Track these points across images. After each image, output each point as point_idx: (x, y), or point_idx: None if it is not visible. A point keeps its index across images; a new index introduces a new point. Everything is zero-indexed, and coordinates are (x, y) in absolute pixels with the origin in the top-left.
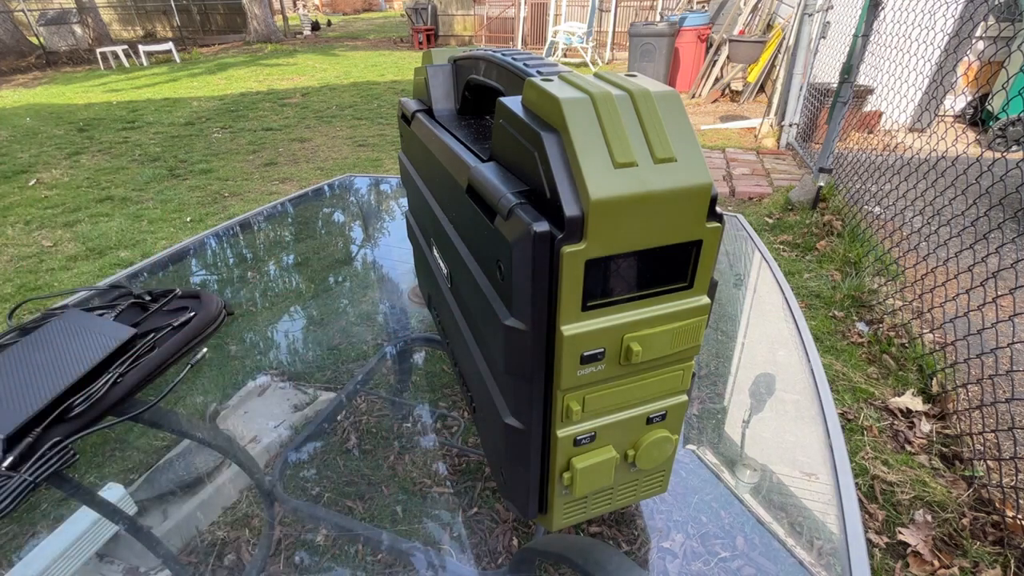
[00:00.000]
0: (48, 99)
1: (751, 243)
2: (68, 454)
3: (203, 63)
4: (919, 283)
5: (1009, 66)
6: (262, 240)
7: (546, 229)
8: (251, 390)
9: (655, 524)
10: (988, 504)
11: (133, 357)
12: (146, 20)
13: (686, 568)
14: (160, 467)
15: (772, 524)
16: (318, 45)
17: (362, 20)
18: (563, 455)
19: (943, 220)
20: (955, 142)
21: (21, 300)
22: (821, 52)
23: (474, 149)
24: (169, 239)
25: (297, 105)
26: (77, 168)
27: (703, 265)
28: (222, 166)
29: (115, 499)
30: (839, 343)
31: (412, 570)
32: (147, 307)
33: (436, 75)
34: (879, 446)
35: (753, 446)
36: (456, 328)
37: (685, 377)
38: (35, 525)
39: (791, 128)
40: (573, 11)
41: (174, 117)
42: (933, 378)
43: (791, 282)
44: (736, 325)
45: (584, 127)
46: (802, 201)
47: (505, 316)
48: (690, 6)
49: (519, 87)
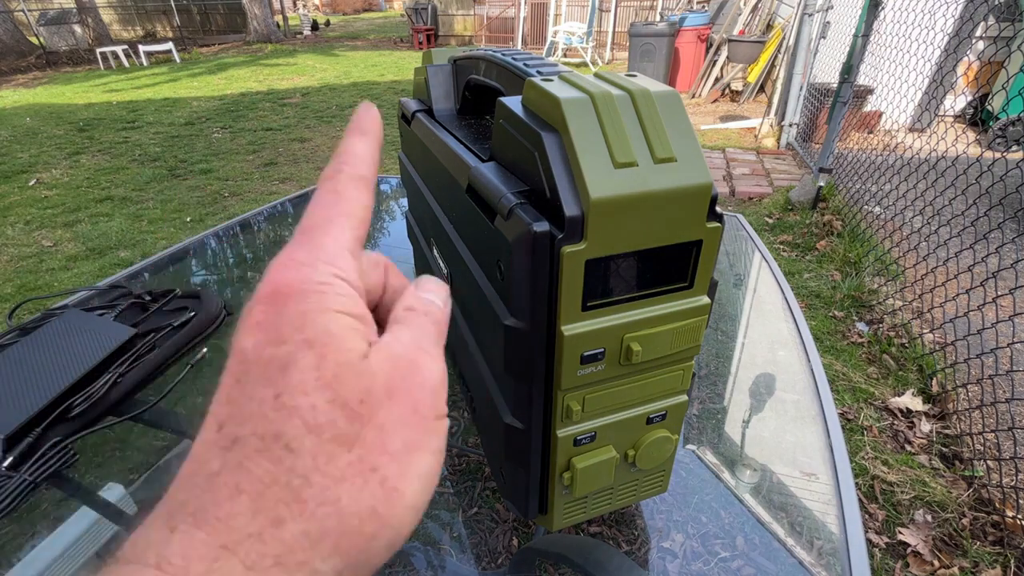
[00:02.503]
0: (48, 99)
1: (751, 243)
2: (68, 454)
3: (203, 63)
4: (919, 283)
5: (1009, 66)
6: (262, 240)
7: (546, 229)
8: None
9: (655, 524)
10: (988, 504)
11: (133, 357)
12: (146, 20)
13: (686, 568)
14: (160, 467)
15: (772, 524)
16: (318, 45)
17: (362, 20)
18: (563, 455)
19: (943, 220)
20: (955, 142)
21: (21, 300)
22: (821, 52)
23: (474, 149)
24: (169, 239)
25: (297, 105)
26: (77, 168)
27: (703, 265)
28: (222, 166)
29: (115, 499)
30: (839, 343)
31: (412, 570)
32: (147, 307)
33: (436, 75)
34: (879, 446)
35: (753, 446)
36: (456, 328)
37: (685, 377)
38: (35, 525)
39: (791, 128)
40: (573, 11)
41: (174, 117)
42: (933, 378)
43: (791, 282)
44: (736, 325)
45: (584, 127)
46: (802, 201)
47: (505, 316)
48: (690, 6)
49: (519, 87)
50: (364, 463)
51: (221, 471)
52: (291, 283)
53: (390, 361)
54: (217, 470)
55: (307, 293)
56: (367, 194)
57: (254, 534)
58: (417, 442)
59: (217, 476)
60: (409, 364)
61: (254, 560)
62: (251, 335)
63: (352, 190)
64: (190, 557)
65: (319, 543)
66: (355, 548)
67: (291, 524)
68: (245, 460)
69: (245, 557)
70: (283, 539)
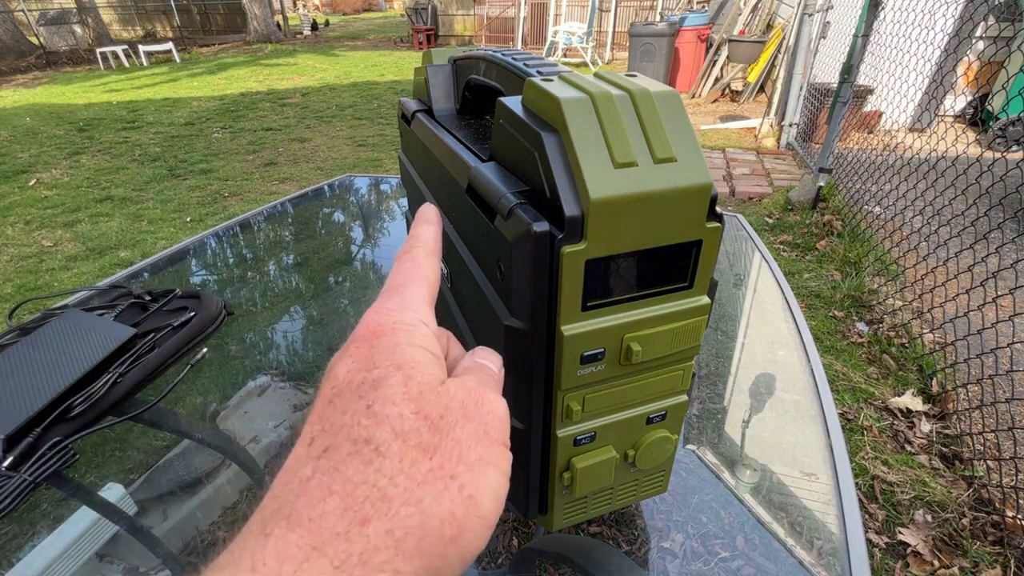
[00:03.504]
0: (48, 99)
1: (751, 243)
2: (68, 454)
3: (203, 63)
4: (919, 283)
5: (1009, 66)
6: (262, 240)
7: (546, 229)
8: (251, 390)
9: (655, 524)
10: (988, 504)
11: (133, 357)
12: (146, 20)
13: (686, 568)
14: (160, 467)
15: (772, 524)
16: (318, 45)
17: (362, 20)
18: (563, 455)
19: (943, 220)
20: (955, 142)
21: (21, 300)
22: (821, 52)
23: (474, 149)
24: (169, 239)
25: (297, 105)
26: (77, 168)
27: (703, 265)
28: (222, 166)
29: (115, 499)
30: (839, 343)
31: None
32: (147, 307)
33: (436, 75)
34: (879, 446)
35: (753, 446)
36: (456, 328)
37: (685, 377)
38: (35, 525)
39: (791, 128)
40: (573, 11)
41: (174, 117)
42: (933, 378)
43: (791, 282)
44: (736, 325)
45: (584, 127)
46: (802, 201)
47: (505, 316)
48: (690, 6)
49: (519, 87)
50: (444, 470)
51: (314, 475)
52: (384, 324)
53: (464, 390)
54: (310, 475)
55: (397, 331)
56: (437, 263)
57: (342, 533)
58: (489, 459)
59: (310, 480)
60: (480, 395)
61: (342, 560)
62: (344, 364)
63: (426, 260)
64: (283, 558)
65: (402, 542)
66: (434, 552)
67: (376, 523)
68: (338, 463)
69: (334, 557)
70: (368, 537)
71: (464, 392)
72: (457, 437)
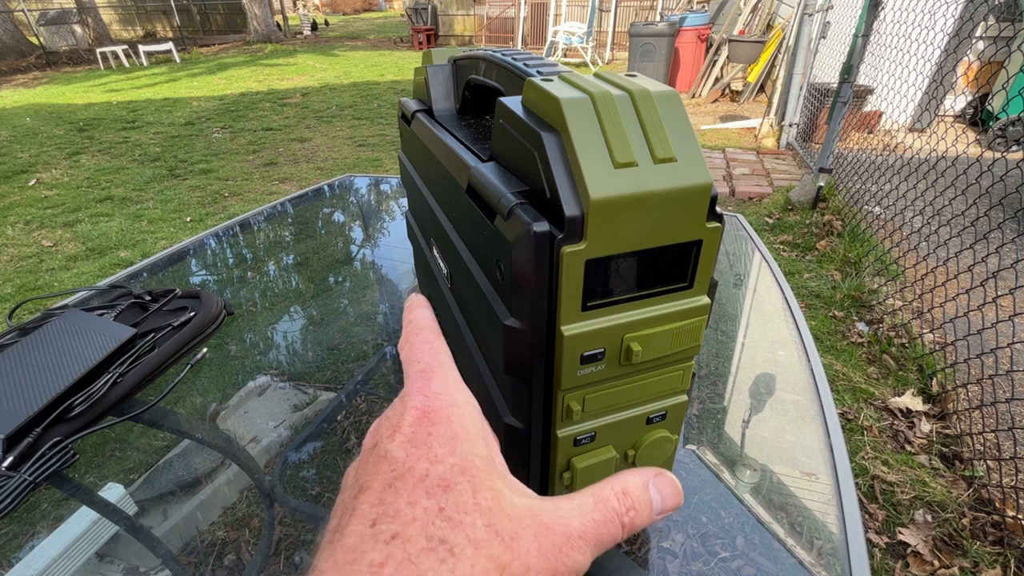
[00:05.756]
0: (48, 99)
1: (751, 243)
2: (68, 454)
3: (203, 63)
4: (919, 283)
5: (1009, 66)
6: (262, 240)
7: (546, 229)
8: (251, 390)
9: (655, 524)
10: (988, 504)
11: (133, 357)
12: (146, 20)
13: (686, 568)
14: (160, 467)
15: (772, 524)
16: (318, 45)
17: (362, 20)
18: (563, 455)
19: (943, 220)
20: (955, 142)
21: (21, 300)
22: (821, 52)
23: (474, 149)
24: (169, 239)
25: (297, 105)
26: (77, 168)
27: (703, 265)
28: (222, 166)
29: (115, 499)
30: (839, 343)
31: None
32: (147, 307)
33: (436, 75)
34: (879, 446)
35: (753, 446)
36: (456, 328)
37: (685, 377)
38: (35, 525)
39: (791, 128)
40: (573, 11)
41: (174, 117)
42: (933, 378)
43: (791, 282)
44: (736, 325)
45: (584, 127)
46: (802, 201)
47: (505, 316)
48: (690, 6)
49: (519, 87)
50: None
51: (386, 563)
52: (436, 410)
53: (544, 530)
54: (381, 561)
55: (451, 419)
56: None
57: None
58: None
59: (382, 568)
60: (561, 545)
61: None
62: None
63: (438, 341)
64: None
65: None
66: None
67: None
68: (412, 556)
69: None
70: None
71: (544, 533)
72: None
